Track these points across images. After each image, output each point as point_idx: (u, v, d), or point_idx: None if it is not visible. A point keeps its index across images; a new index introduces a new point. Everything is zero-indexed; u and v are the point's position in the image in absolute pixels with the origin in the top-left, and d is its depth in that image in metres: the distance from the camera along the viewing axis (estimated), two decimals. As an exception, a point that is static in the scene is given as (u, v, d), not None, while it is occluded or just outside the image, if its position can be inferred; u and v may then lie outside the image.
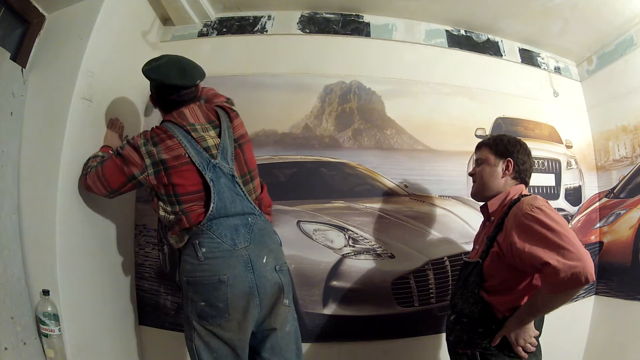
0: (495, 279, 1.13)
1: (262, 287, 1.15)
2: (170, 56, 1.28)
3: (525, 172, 1.26)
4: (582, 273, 0.92)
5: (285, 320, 1.21)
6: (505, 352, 1.11)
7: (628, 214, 1.82)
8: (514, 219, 1.09)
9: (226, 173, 1.20)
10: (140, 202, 1.72)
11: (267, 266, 1.17)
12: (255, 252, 1.16)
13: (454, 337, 1.23)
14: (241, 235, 1.16)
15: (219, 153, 1.21)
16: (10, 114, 1.26)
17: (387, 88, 1.85)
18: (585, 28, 1.90)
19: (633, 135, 1.84)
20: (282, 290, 1.19)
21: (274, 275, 1.18)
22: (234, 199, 1.19)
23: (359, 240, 1.68)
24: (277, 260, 1.21)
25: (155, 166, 1.18)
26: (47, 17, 1.46)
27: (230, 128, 1.27)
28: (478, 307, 1.14)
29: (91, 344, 1.36)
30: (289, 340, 1.22)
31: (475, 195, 1.33)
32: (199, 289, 1.13)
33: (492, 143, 1.29)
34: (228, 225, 1.16)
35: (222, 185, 1.18)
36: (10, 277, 1.17)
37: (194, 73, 1.25)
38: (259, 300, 1.14)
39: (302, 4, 1.90)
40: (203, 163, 1.18)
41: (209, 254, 1.14)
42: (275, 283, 1.18)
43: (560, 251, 0.96)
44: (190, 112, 1.24)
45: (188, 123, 1.22)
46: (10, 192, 1.23)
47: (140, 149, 1.18)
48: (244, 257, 1.15)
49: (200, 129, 1.22)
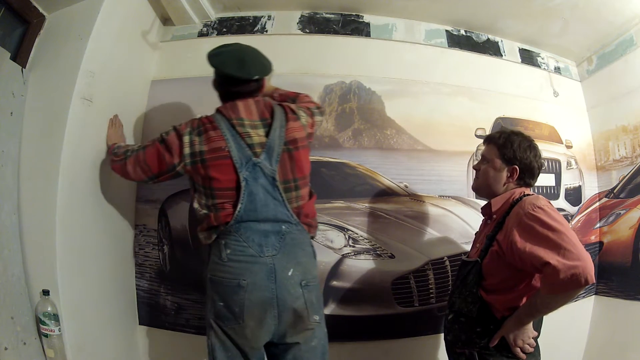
0: (495, 277, 1.13)
1: (283, 299, 1.10)
2: (239, 45, 1.25)
3: (532, 177, 1.24)
4: (581, 274, 0.92)
5: (312, 336, 1.15)
6: (503, 352, 1.11)
7: (628, 214, 1.82)
8: (516, 218, 1.09)
9: (267, 174, 1.14)
10: (140, 202, 1.72)
11: (292, 279, 1.12)
12: (282, 262, 1.11)
13: (451, 336, 1.23)
14: (270, 243, 1.12)
15: (264, 152, 1.15)
16: (10, 114, 1.26)
17: (387, 88, 1.85)
18: (585, 28, 1.90)
19: (633, 135, 1.84)
20: (306, 306, 1.12)
21: (298, 290, 1.12)
22: (267, 203, 1.13)
23: (359, 240, 1.68)
24: (304, 275, 1.14)
25: (193, 157, 1.15)
26: (47, 17, 1.46)
27: (283, 128, 1.18)
28: (476, 307, 1.13)
29: (91, 344, 1.36)
30: (314, 355, 1.15)
31: (476, 191, 1.35)
32: (219, 289, 1.12)
33: (502, 144, 1.23)
34: (257, 230, 1.12)
35: (259, 186, 1.13)
36: (10, 277, 1.17)
37: (253, 67, 1.19)
38: (277, 312, 1.09)
39: (302, 4, 1.90)
40: (242, 160, 1.13)
41: (232, 256, 1.11)
42: (297, 298, 1.11)
43: (560, 251, 0.96)
44: (244, 105, 1.19)
45: (237, 117, 1.17)
46: (10, 192, 1.23)
47: (184, 138, 1.17)
48: (268, 265, 1.10)
49: (248, 124, 1.17)
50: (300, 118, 1.24)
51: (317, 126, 1.33)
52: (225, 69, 1.17)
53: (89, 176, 1.40)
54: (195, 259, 1.69)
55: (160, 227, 1.72)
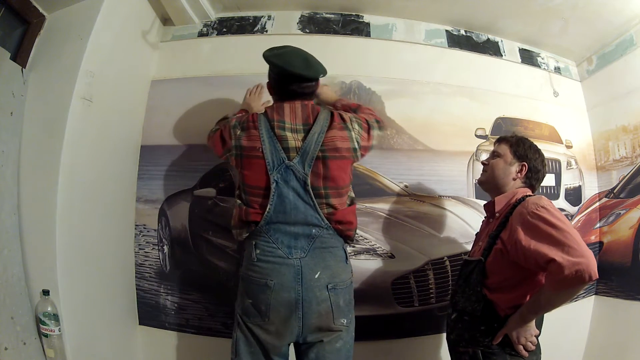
0: (498, 276, 1.14)
1: (308, 301, 1.12)
2: (292, 47, 1.26)
3: (537, 180, 1.29)
4: (585, 270, 0.94)
5: (338, 338, 1.16)
6: (506, 350, 1.12)
7: (628, 214, 1.82)
8: (520, 217, 1.10)
9: (299, 177, 1.15)
10: (140, 202, 1.72)
11: (319, 282, 1.13)
12: (309, 265, 1.13)
13: (455, 335, 1.23)
14: (299, 245, 1.14)
15: (298, 156, 1.16)
16: (10, 114, 1.26)
17: (387, 88, 1.85)
18: (585, 28, 1.90)
19: (633, 135, 1.84)
20: (332, 308, 1.14)
21: (324, 292, 1.13)
22: (297, 206, 1.15)
23: (359, 240, 1.68)
24: (332, 278, 1.15)
25: (237, 149, 1.21)
26: (47, 17, 1.46)
27: (322, 134, 1.18)
28: (480, 305, 1.14)
29: (91, 344, 1.36)
30: (337, 357, 1.16)
31: (483, 184, 1.36)
32: (248, 287, 1.16)
33: (514, 142, 1.30)
34: (287, 232, 1.15)
35: (289, 189, 1.15)
36: (10, 277, 1.17)
37: (318, 67, 1.22)
38: (301, 314, 1.11)
39: (302, 4, 1.90)
40: (275, 161, 1.16)
41: (261, 256, 1.15)
42: (323, 300, 1.13)
43: (564, 249, 0.98)
44: (290, 108, 1.20)
45: (279, 119, 1.19)
46: (10, 192, 1.23)
47: (231, 130, 1.23)
48: (295, 267, 1.13)
49: (288, 128, 1.18)
50: (350, 129, 1.22)
51: (373, 140, 1.29)
52: (293, 68, 1.17)
53: (89, 176, 1.40)
54: (195, 259, 1.69)
55: (160, 227, 1.72)
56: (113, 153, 1.57)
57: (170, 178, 1.73)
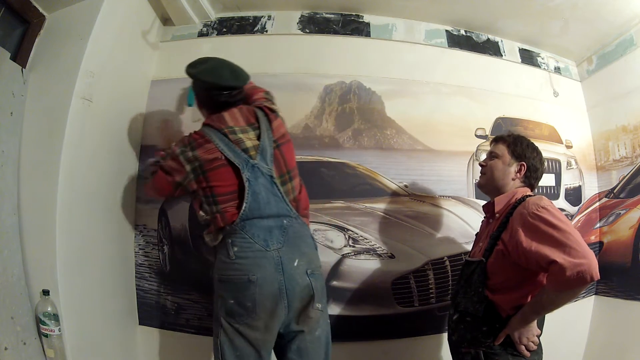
0: (499, 277, 1.14)
1: (291, 289, 1.15)
2: (214, 58, 1.30)
3: (536, 179, 1.28)
4: (587, 271, 0.94)
5: (317, 325, 1.20)
6: (508, 350, 1.12)
7: (628, 214, 1.82)
8: (520, 217, 1.10)
9: (265, 173, 1.20)
10: (140, 202, 1.72)
11: (299, 269, 1.17)
12: (287, 254, 1.17)
13: (457, 336, 1.23)
14: (274, 237, 1.17)
15: (258, 154, 1.22)
16: (10, 114, 1.26)
17: (387, 88, 1.85)
18: (585, 28, 1.90)
19: (633, 135, 1.84)
20: (313, 293, 1.18)
21: (305, 278, 1.17)
22: (269, 200, 1.19)
23: (359, 240, 1.68)
24: (309, 264, 1.20)
25: (194, 172, 1.22)
26: (47, 17, 1.46)
27: (269, 130, 1.27)
28: (482, 306, 1.14)
29: (91, 344, 1.36)
30: (318, 346, 1.20)
31: (482, 187, 1.35)
32: (229, 287, 1.16)
33: (512, 142, 1.28)
34: (262, 226, 1.17)
35: (260, 186, 1.19)
36: (10, 277, 1.17)
37: (244, 74, 1.29)
38: (286, 302, 1.14)
39: (302, 4, 1.90)
40: (242, 163, 1.20)
41: (240, 253, 1.15)
42: (305, 286, 1.17)
43: (566, 249, 0.98)
44: (230, 115, 1.26)
45: (226, 126, 1.24)
46: (10, 192, 1.23)
47: (179, 157, 1.23)
48: (275, 258, 1.15)
49: (238, 130, 1.24)
50: (278, 114, 1.33)
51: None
52: (224, 81, 1.24)
53: (89, 176, 1.40)
54: (195, 259, 1.69)
55: (160, 227, 1.72)
56: (113, 153, 1.56)
57: (170, 178, 1.73)
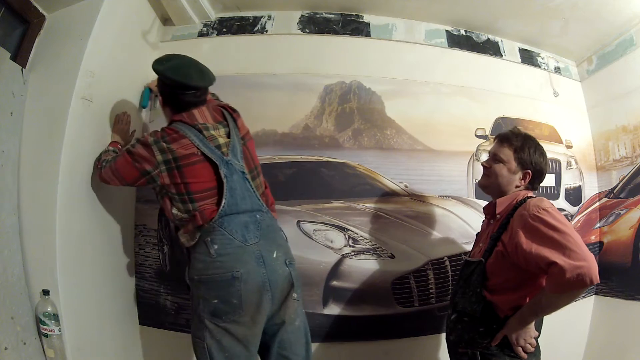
0: (499, 277, 1.14)
1: (275, 281, 1.16)
2: (182, 56, 1.29)
3: (539, 182, 1.28)
4: (587, 274, 0.94)
5: (295, 315, 1.23)
6: (505, 351, 1.11)
7: (628, 214, 1.82)
8: (520, 219, 1.10)
9: (237, 170, 1.22)
10: (140, 202, 1.72)
11: (278, 260, 1.19)
12: (265, 247, 1.18)
13: (454, 336, 1.23)
14: (251, 232, 1.18)
15: (230, 151, 1.23)
16: (10, 114, 1.26)
17: (387, 88, 1.85)
18: (585, 28, 1.90)
19: (633, 135, 1.84)
20: (293, 283, 1.21)
21: (285, 269, 1.20)
22: (244, 196, 1.21)
23: (359, 240, 1.68)
24: (286, 255, 1.23)
25: (167, 164, 1.19)
26: (47, 17, 1.46)
27: (236, 128, 1.29)
28: (480, 306, 1.14)
29: (91, 344, 1.36)
30: (299, 335, 1.23)
31: (484, 188, 1.32)
32: (212, 286, 1.13)
33: (519, 147, 1.23)
34: (239, 222, 1.17)
35: (235, 182, 1.20)
36: (10, 277, 1.17)
37: (210, 74, 1.30)
38: (271, 295, 1.15)
39: (302, 4, 1.90)
40: (218, 160, 1.20)
41: (221, 250, 1.13)
42: (286, 277, 1.20)
43: (566, 252, 0.98)
44: (199, 113, 1.26)
45: (199, 122, 1.24)
46: (10, 192, 1.23)
47: (152, 147, 1.19)
48: (255, 252, 1.16)
49: (211, 127, 1.24)
50: (239, 114, 1.35)
51: None
52: (192, 81, 1.23)
53: (89, 176, 1.39)
54: (195, 259, 1.69)
55: (160, 227, 1.72)
56: (113, 153, 1.56)
57: (170, 178, 1.73)
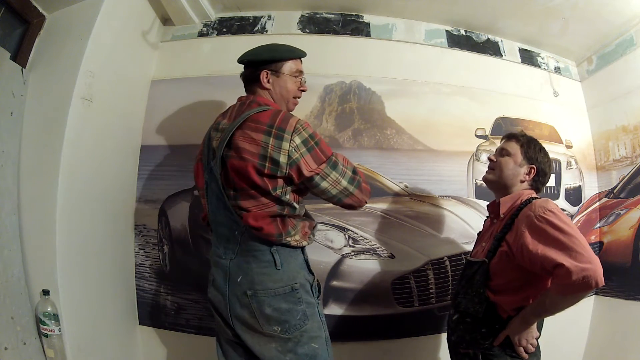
0: (502, 278, 1.14)
1: (233, 302, 1.08)
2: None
3: (543, 183, 1.28)
4: (592, 276, 0.94)
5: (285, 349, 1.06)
6: (507, 351, 1.12)
7: (628, 214, 1.82)
8: (526, 220, 1.10)
9: (216, 177, 1.08)
10: (140, 202, 1.72)
11: (240, 287, 1.07)
12: (234, 267, 1.09)
13: (456, 336, 1.23)
14: (230, 247, 1.11)
15: (217, 156, 1.09)
16: (10, 114, 1.26)
17: (387, 88, 1.85)
18: (585, 28, 1.90)
19: (633, 135, 1.84)
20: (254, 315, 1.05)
21: (244, 299, 1.06)
22: (218, 207, 1.11)
23: (359, 240, 1.68)
24: (251, 285, 1.06)
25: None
26: (47, 17, 1.46)
27: (230, 133, 1.07)
28: (483, 307, 1.14)
29: (91, 344, 1.36)
30: None
31: (490, 182, 1.32)
32: None
33: (526, 143, 1.27)
34: (221, 233, 1.13)
35: (212, 190, 1.11)
36: (10, 277, 1.17)
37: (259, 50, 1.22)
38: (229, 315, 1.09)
39: (302, 4, 1.90)
40: (206, 163, 1.15)
41: (212, 254, 1.19)
42: (244, 306, 1.06)
43: (572, 254, 0.98)
44: (231, 109, 1.17)
45: (219, 120, 1.16)
46: (10, 192, 1.23)
47: None
48: (224, 268, 1.10)
49: (221, 128, 1.13)
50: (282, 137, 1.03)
51: (321, 182, 1.09)
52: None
53: (89, 176, 1.40)
54: (195, 259, 1.69)
55: (160, 227, 1.72)
56: (113, 153, 1.56)
57: (170, 178, 1.73)
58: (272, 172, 1.04)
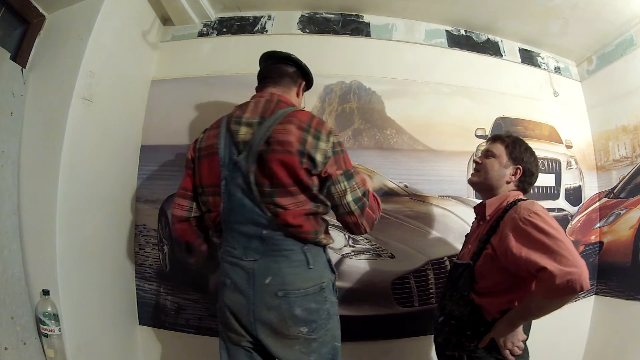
0: (487, 280, 1.13)
1: (259, 306, 1.05)
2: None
3: (529, 184, 1.27)
4: (577, 280, 0.93)
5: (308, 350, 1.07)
6: (493, 354, 1.11)
7: (628, 214, 1.82)
8: (511, 222, 1.09)
9: (244, 173, 1.06)
10: (140, 202, 1.72)
11: (269, 288, 1.04)
12: (261, 269, 1.05)
13: (442, 339, 1.22)
14: (253, 247, 1.07)
15: (245, 150, 1.07)
16: (10, 114, 1.26)
17: (387, 88, 1.85)
18: (585, 28, 1.90)
19: (633, 135, 1.84)
20: (284, 317, 1.04)
21: (274, 300, 1.04)
22: (243, 204, 1.06)
23: (359, 240, 1.68)
24: (282, 285, 1.04)
25: (194, 158, 1.19)
26: (47, 17, 1.46)
27: (271, 127, 1.06)
28: (467, 310, 1.13)
29: (91, 344, 1.36)
30: None
31: (475, 184, 1.33)
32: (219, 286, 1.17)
33: (510, 143, 1.26)
34: (241, 232, 1.08)
35: (237, 186, 1.07)
36: (10, 277, 1.17)
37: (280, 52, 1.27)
38: (252, 318, 1.06)
39: (302, 4, 1.90)
40: (226, 158, 1.10)
41: (224, 255, 1.12)
42: (273, 308, 1.04)
43: (557, 257, 0.96)
44: (254, 103, 1.15)
45: (239, 114, 1.12)
46: (10, 192, 1.23)
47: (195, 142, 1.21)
48: (248, 269, 1.06)
49: (244, 122, 1.10)
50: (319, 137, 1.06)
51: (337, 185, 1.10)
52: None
53: (89, 176, 1.40)
54: (195, 259, 1.69)
55: (160, 227, 1.72)
56: (113, 153, 1.57)
57: (170, 178, 1.72)
58: (310, 168, 1.05)
